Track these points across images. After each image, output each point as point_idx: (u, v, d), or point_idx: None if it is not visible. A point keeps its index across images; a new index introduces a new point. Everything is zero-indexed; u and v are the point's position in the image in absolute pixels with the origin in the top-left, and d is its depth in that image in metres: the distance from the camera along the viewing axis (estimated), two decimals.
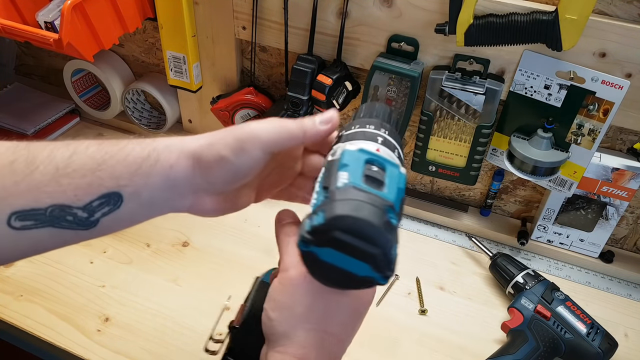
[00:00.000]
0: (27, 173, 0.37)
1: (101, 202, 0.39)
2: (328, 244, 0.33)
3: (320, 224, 0.32)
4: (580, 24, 0.62)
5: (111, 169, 0.39)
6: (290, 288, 0.38)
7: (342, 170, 0.34)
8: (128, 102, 1.03)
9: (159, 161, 0.40)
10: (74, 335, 0.70)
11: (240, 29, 0.85)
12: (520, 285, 0.74)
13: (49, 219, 0.37)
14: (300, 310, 0.38)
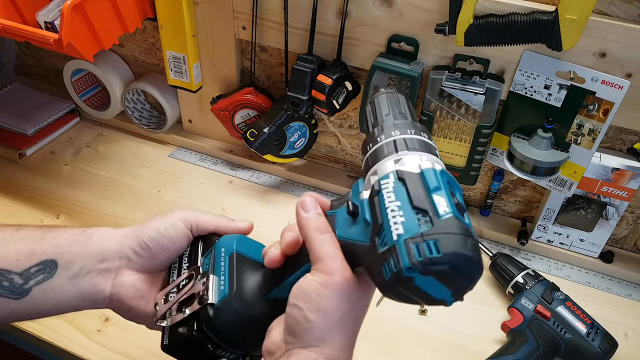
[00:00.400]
0: None
1: (38, 269, 0.42)
2: (434, 274, 0.33)
3: (436, 257, 0.32)
4: (580, 24, 0.62)
5: (53, 239, 0.44)
6: (335, 294, 0.38)
7: (437, 194, 0.35)
8: (128, 102, 1.03)
9: (93, 235, 0.46)
10: (74, 335, 0.70)
11: (240, 29, 0.85)
12: (520, 285, 0.74)
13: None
14: (340, 315, 0.39)
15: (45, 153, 1.03)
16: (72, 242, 0.44)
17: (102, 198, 0.93)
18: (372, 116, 0.44)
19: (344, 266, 0.39)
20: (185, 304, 0.46)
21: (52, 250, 0.43)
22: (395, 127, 0.40)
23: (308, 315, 0.38)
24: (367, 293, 0.41)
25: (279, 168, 0.99)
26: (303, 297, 0.39)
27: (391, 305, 0.80)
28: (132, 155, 1.03)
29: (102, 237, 0.46)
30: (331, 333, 0.38)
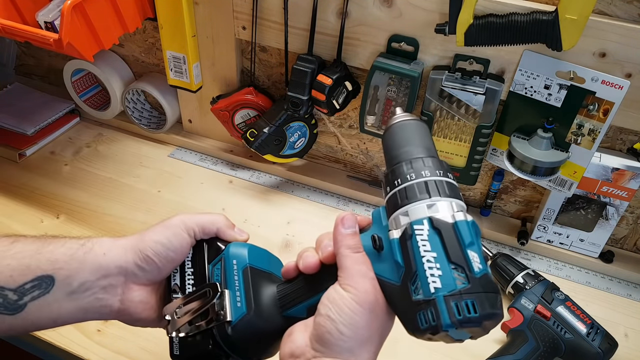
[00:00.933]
0: None
1: (34, 284, 0.41)
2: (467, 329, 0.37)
3: (474, 317, 0.35)
4: (580, 24, 0.62)
5: (49, 253, 0.42)
6: (368, 312, 0.40)
7: (471, 250, 0.37)
8: (128, 102, 1.03)
9: (93, 249, 0.43)
10: (74, 335, 0.70)
11: (240, 29, 0.85)
12: (520, 285, 0.74)
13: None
14: (370, 333, 0.40)
15: (45, 153, 1.03)
16: (70, 257, 0.42)
17: (102, 198, 0.93)
18: (397, 144, 0.44)
19: (376, 287, 0.41)
20: (199, 318, 0.46)
21: (48, 266, 0.41)
22: (425, 167, 0.41)
23: (341, 328, 0.39)
24: (393, 317, 0.43)
25: (279, 168, 0.99)
26: (336, 310, 0.39)
27: None
28: (132, 155, 1.03)
29: (103, 252, 0.44)
30: (360, 349, 0.40)
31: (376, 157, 0.94)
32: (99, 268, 0.43)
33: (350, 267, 0.41)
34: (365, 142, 0.93)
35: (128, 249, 0.45)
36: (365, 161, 0.96)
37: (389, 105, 0.80)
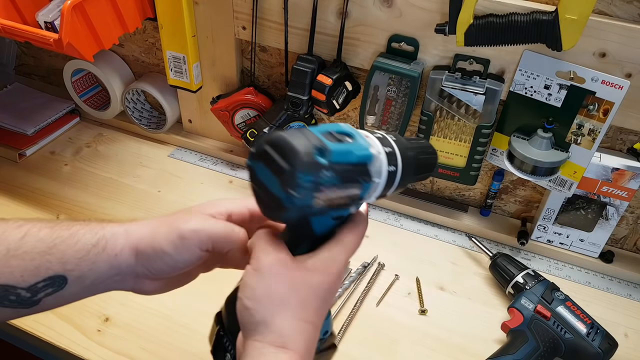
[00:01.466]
0: None
1: (46, 283, 0.41)
2: (260, 157, 0.38)
3: (260, 140, 0.38)
4: (580, 24, 0.62)
5: (60, 254, 0.41)
6: (266, 275, 0.38)
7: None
8: (128, 102, 1.03)
9: (106, 249, 0.42)
10: (74, 335, 0.70)
11: (240, 29, 0.85)
12: (520, 285, 0.74)
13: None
14: (277, 298, 0.38)
15: (45, 153, 1.03)
16: (81, 259, 0.42)
17: (102, 198, 0.93)
18: None
19: (275, 249, 0.40)
20: None
21: (59, 267, 0.41)
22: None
23: (245, 302, 0.38)
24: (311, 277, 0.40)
25: None
26: (242, 287, 0.39)
27: (391, 305, 0.81)
28: (132, 155, 1.03)
29: (115, 253, 0.43)
30: (272, 318, 0.38)
31: None
32: (111, 268, 0.43)
33: (253, 246, 0.41)
34: None
35: (140, 254, 0.43)
36: None
37: (389, 105, 0.80)
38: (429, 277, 0.82)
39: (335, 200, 0.40)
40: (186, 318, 0.73)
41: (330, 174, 0.38)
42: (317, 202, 0.38)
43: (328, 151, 0.37)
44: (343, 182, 0.39)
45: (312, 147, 0.37)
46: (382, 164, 0.41)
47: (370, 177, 0.40)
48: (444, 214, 0.91)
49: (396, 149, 0.43)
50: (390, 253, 0.85)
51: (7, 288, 0.40)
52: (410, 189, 0.95)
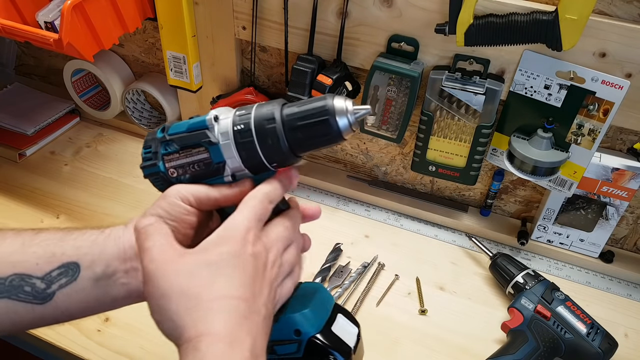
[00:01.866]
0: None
1: (60, 272, 0.41)
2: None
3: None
4: (580, 24, 0.62)
5: (73, 241, 0.43)
6: (160, 277, 0.38)
7: None
8: (128, 102, 1.03)
9: (111, 234, 0.44)
10: (74, 335, 0.70)
11: (240, 29, 0.85)
12: (520, 285, 0.74)
13: (7, 289, 0.39)
14: (179, 291, 0.37)
15: (45, 153, 1.03)
16: (92, 242, 0.43)
17: (102, 198, 0.93)
18: None
19: (158, 251, 0.40)
20: None
21: (72, 252, 0.42)
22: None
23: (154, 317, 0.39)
24: (206, 255, 0.39)
25: None
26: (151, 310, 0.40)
27: (391, 305, 0.81)
28: (132, 155, 1.03)
29: (119, 235, 0.44)
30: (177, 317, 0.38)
31: (376, 157, 0.94)
32: (119, 251, 0.43)
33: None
34: (365, 142, 0.93)
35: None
36: (365, 161, 0.96)
37: (389, 105, 0.80)
38: (429, 277, 0.82)
39: (188, 166, 0.46)
40: None
41: (171, 146, 0.46)
42: (171, 171, 0.46)
43: (167, 127, 0.47)
44: (183, 149, 0.45)
45: (158, 129, 0.47)
46: (228, 127, 0.44)
47: (211, 138, 0.44)
48: (444, 214, 0.91)
49: (252, 110, 0.44)
50: (390, 253, 0.85)
51: (22, 277, 0.40)
52: (410, 189, 0.95)
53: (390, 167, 0.94)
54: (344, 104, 0.42)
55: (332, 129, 0.43)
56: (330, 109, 0.42)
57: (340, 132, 0.43)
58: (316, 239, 0.85)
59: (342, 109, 0.42)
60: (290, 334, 0.49)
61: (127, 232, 0.44)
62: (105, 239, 0.44)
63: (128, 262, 0.44)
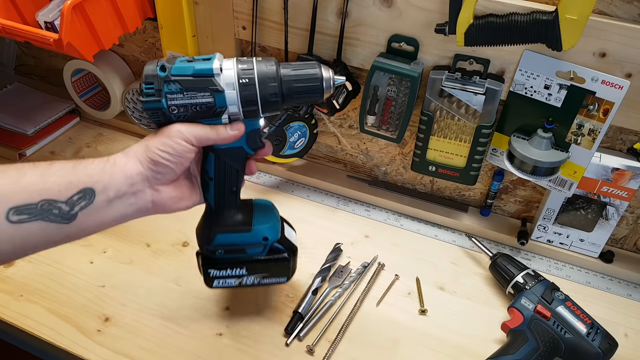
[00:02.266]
0: (19, 177, 0.46)
1: (79, 196, 0.48)
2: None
3: None
4: (580, 24, 0.62)
5: (84, 169, 0.50)
6: None
7: None
8: (128, 102, 1.03)
9: (116, 163, 0.52)
10: (74, 335, 0.70)
11: (240, 29, 0.85)
12: (520, 285, 0.74)
13: (40, 212, 0.46)
14: None
15: (45, 153, 1.03)
16: (101, 170, 0.50)
17: None
18: None
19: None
20: None
21: (86, 179, 0.49)
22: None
23: None
24: None
25: (279, 168, 0.99)
26: None
27: (391, 305, 0.81)
28: None
29: (124, 163, 0.52)
30: None
31: (376, 157, 0.94)
32: (125, 177, 0.51)
33: None
34: (365, 142, 0.93)
35: (141, 159, 0.52)
36: (365, 161, 0.96)
37: (389, 105, 0.80)
38: (429, 277, 0.82)
39: (191, 107, 0.53)
40: (186, 318, 0.73)
41: (174, 86, 0.52)
42: (173, 108, 0.53)
43: (168, 67, 0.52)
44: (187, 91, 0.53)
45: (156, 66, 0.53)
46: (233, 77, 0.53)
47: (217, 87, 0.53)
48: (444, 214, 0.91)
49: (254, 66, 0.54)
50: (390, 253, 0.85)
51: (50, 202, 0.47)
52: (410, 189, 0.95)
53: (390, 167, 0.94)
54: (330, 74, 0.55)
55: (318, 92, 0.55)
56: (320, 77, 0.55)
57: (323, 94, 0.56)
58: (316, 239, 0.86)
59: (328, 77, 0.55)
60: (259, 240, 0.64)
61: (130, 161, 0.52)
62: (112, 167, 0.51)
63: (135, 186, 0.52)
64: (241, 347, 0.70)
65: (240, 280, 0.67)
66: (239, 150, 0.59)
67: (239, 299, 0.76)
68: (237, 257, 0.65)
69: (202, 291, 0.77)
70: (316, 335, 0.71)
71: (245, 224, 0.64)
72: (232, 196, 0.62)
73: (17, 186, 0.46)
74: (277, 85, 0.54)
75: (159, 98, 0.53)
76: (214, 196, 0.61)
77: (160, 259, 0.82)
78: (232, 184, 0.61)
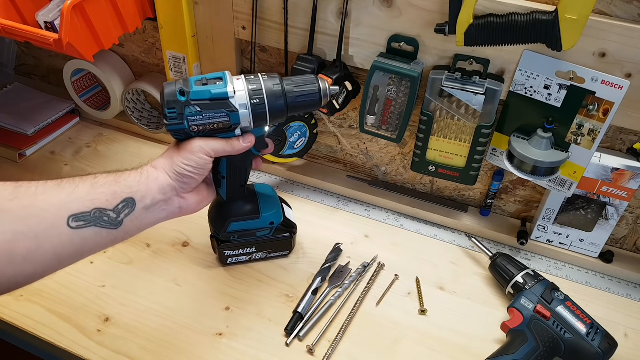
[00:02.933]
0: (73, 189, 0.53)
1: (123, 205, 0.56)
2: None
3: None
4: (580, 24, 0.62)
5: (125, 182, 0.57)
6: None
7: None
8: (128, 102, 1.03)
9: (150, 176, 0.60)
10: (74, 335, 0.70)
11: (240, 29, 0.85)
12: (520, 285, 0.74)
13: (93, 219, 0.53)
14: None
15: (45, 153, 1.03)
16: (138, 182, 0.58)
17: None
18: None
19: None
20: None
21: (128, 190, 0.57)
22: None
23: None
24: None
25: (279, 168, 0.99)
26: None
27: (391, 305, 0.81)
28: (132, 155, 1.03)
29: (155, 177, 0.59)
30: None
31: (376, 157, 0.94)
32: (158, 188, 0.59)
33: None
34: (365, 142, 0.93)
35: (169, 172, 0.60)
36: (365, 161, 0.96)
37: (389, 105, 0.80)
38: (429, 277, 0.82)
39: (209, 125, 0.61)
40: (186, 318, 0.73)
41: (194, 109, 0.60)
42: (193, 127, 0.61)
43: (187, 92, 0.60)
44: (206, 112, 0.60)
45: (176, 91, 0.60)
46: (245, 98, 0.61)
47: (232, 108, 0.60)
48: (444, 214, 0.91)
49: (263, 86, 0.62)
50: (390, 253, 0.85)
51: (101, 210, 0.54)
52: (410, 189, 0.95)
53: (390, 167, 0.94)
54: (326, 86, 0.65)
55: (318, 104, 0.65)
56: (319, 90, 0.64)
57: (320, 105, 0.65)
58: (316, 239, 0.86)
59: (325, 90, 0.64)
60: (267, 225, 0.77)
61: (161, 174, 0.60)
62: (147, 179, 0.59)
63: (166, 195, 0.60)
64: (241, 347, 0.70)
65: (250, 257, 0.81)
66: (247, 153, 0.67)
67: (239, 299, 0.76)
68: (248, 240, 0.78)
69: (202, 291, 0.77)
70: (316, 335, 0.71)
71: (254, 213, 0.75)
72: (241, 189, 0.73)
73: (73, 197, 0.53)
74: (283, 102, 0.62)
75: (181, 121, 0.60)
76: (226, 191, 0.71)
77: (160, 259, 0.82)
78: (241, 180, 0.72)
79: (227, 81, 0.61)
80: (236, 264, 0.80)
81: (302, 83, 0.64)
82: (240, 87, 0.61)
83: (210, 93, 0.60)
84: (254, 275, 0.80)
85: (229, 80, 0.61)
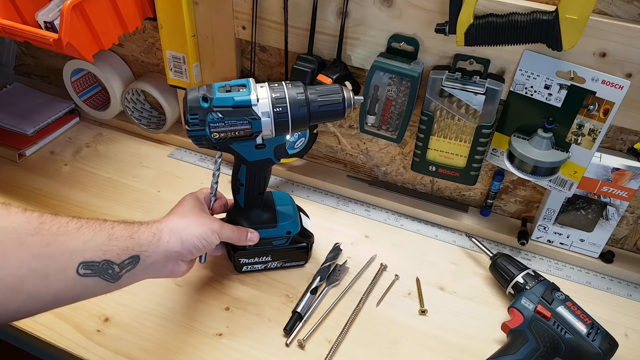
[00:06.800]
0: (91, 236, 0.54)
1: (129, 261, 0.56)
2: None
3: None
4: (580, 24, 0.62)
5: (138, 239, 0.58)
6: None
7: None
8: (128, 102, 1.03)
9: (161, 239, 0.60)
10: (74, 335, 0.70)
11: (240, 29, 0.85)
12: (520, 285, 0.74)
13: (99, 270, 0.54)
14: None
15: (45, 153, 1.03)
16: (149, 242, 0.59)
17: (101, 198, 0.92)
18: None
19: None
20: None
21: (138, 248, 0.57)
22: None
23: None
24: None
25: (279, 168, 0.99)
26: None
27: (391, 305, 0.81)
28: (131, 155, 1.03)
29: (167, 240, 0.61)
30: None
31: (376, 157, 0.94)
32: (164, 252, 0.60)
33: None
34: (365, 142, 0.93)
35: (180, 240, 0.62)
36: (365, 161, 0.96)
37: (389, 105, 0.80)
38: (429, 277, 0.82)
39: (230, 132, 0.60)
40: (186, 318, 0.73)
41: (216, 115, 0.59)
42: (215, 134, 0.60)
43: (210, 99, 0.59)
44: (228, 119, 0.59)
45: (198, 97, 0.59)
46: (268, 106, 0.60)
47: (255, 116, 0.60)
48: (444, 214, 0.91)
49: (286, 95, 0.61)
50: (390, 253, 0.85)
51: (109, 263, 0.54)
52: (410, 189, 0.95)
53: (390, 167, 0.94)
54: (351, 96, 0.63)
55: (342, 113, 0.63)
56: (343, 100, 0.63)
57: (344, 114, 0.64)
58: (316, 239, 0.86)
59: (349, 99, 0.63)
60: (283, 234, 0.75)
61: (172, 238, 0.61)
62: (157, 241, 0.60)
63: (167, 259, 0.61)
64: (241, 347, 0.70)
65: (266, 265, 0.79)
66: (267, 161, 0.67)
67: (239, 299, 0.76)
68: (264, 248, 0.76)
69: (202, 291, 0.77)
70: (316, 335, 0.71)
71: (271, 221, 0.74)
72: (259, 197, 0.72)
73: (89, 244, 0.53)
74: (306, 111, 0.62)
75: (203, 127, 0.60)
76: (244, 198, 0.72)
77: None
78: (260, 187, 0.71)
79: (251, 88, 0.60)
80: (251, 272, 0.79)
81: (326, 92, 0.62)
82: (263, 95, 0.60)
83: (233, 100, 0.59)
84: (254, 275, 0.80)
85: (253, 88, 0.60)
